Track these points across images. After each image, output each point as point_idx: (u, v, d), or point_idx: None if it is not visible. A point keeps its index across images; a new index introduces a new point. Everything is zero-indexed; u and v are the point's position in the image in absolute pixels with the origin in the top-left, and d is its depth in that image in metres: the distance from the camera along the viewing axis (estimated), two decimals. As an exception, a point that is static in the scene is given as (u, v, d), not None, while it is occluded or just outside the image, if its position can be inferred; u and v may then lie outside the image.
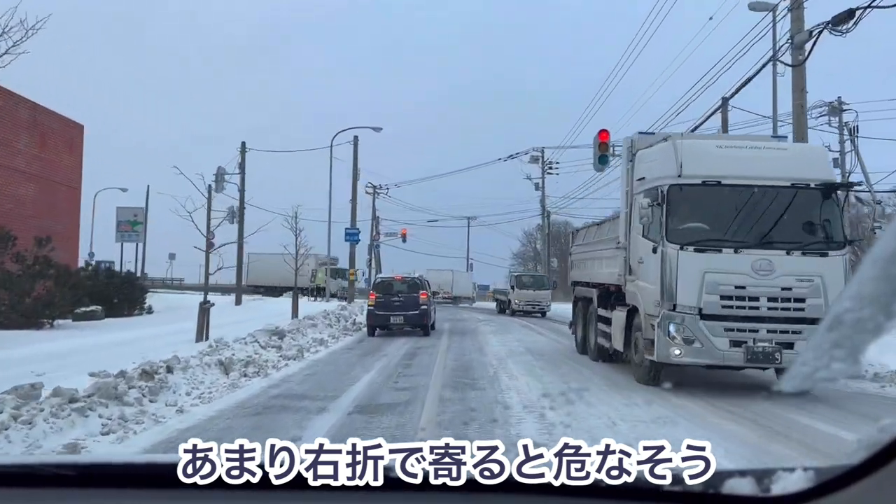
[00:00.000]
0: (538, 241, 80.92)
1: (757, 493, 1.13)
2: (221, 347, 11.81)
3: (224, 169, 32.86)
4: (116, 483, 1.32)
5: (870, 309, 0.90)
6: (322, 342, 15.31)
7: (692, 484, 1.17)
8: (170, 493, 1.27)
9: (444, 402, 8.43)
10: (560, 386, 9.98)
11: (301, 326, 16.94)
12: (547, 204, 53.62)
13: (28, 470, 1.40)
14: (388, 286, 19.22)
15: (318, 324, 18.37)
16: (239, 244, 32.78)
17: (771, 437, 6.73)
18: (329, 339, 16.58)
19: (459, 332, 20.37)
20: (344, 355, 13.98)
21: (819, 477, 1.09)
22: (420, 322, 18.63)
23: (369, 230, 56.51)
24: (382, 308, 18.62)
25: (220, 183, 33.01)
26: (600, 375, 10.91)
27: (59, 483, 1.30)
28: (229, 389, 9.33)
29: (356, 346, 15.95)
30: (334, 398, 8.65)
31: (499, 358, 13.30)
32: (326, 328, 18.41)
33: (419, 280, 19.34)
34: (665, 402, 8.44)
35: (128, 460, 1.46)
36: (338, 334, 18.08)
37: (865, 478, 1.01)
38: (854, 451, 1.04)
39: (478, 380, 10.42)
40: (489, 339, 17.45)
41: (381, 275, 20.94)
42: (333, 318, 20.51)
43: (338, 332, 18.60)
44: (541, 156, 54.14)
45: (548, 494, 1.21)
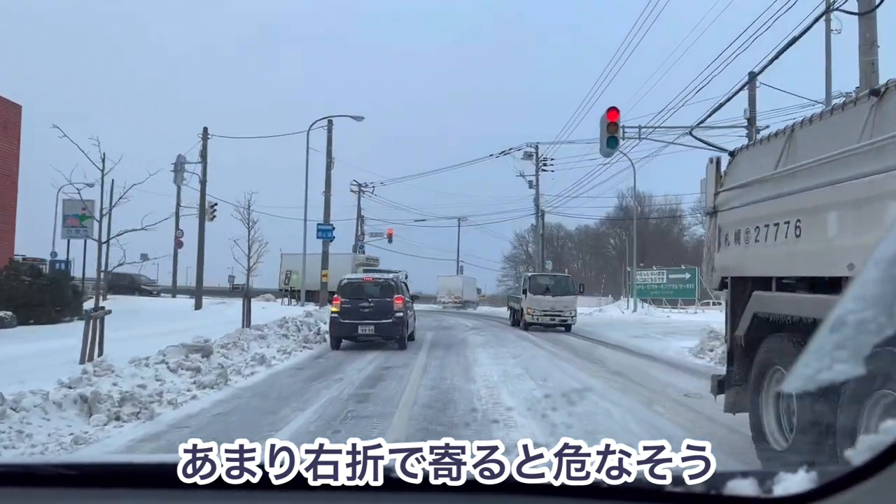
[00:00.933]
0: (530, 244, 77.92)
1: (759, 494, 1.11)
2: (102, 373, 8.46)
3: (184, 157, 29.48)
4: (116, 483, 1.31)
5: (872, 310, 0.89)
6: (264, 360, 11.97)
7: (693, 484, 1.16)
8: (170, 493, 1.27)
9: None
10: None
11: (243, 339, 13.60)
12: (541, 203, 50.54)
13: (28, 470, 1.40)
14: (356, 289, 15.89)
15: (268, 335, 15.02)
16: (200, 239, 29.36)
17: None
18: (277, 356, 13.24)
19: (443, 344, 17.05)
20: (286, 380, 10.65)
21: (822, 478, 1.07)
22: (394, 333, 15.33)
23: (354, 230, 53.83)
24: (349, 315, 15.31)
25: (180, 174, 29.64)
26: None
27: (60, 483, 1.30)
28: (69, 448, 6.00)
29: (309, 365, 12.62)
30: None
31: (490, 385, 10.01)
32: (279, 340, 15.06)
33: (394, 281, 16.00)
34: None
35: (128, 460, 1.50)
36: (292, 348, 14.74)
37: (869, 479, 1.00)
38: (857, 452, 1.01)
39: (458, 426, 7.13)
40: (479, 357, 14.12)
41: (349, 275, 17.43)
42: (293, 326, 17.16)
43: (293, 344, 15.26)
44: (535, 152, 51.15)
45: (548, 495, 1.20)
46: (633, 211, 71.55)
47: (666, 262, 49.64)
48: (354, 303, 15.42)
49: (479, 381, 10.49)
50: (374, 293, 15.75)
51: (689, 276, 44.01)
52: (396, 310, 15.36)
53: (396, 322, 15.26)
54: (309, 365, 12.62)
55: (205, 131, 29.06)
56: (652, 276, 45.33)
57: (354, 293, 15.68)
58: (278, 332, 15.86)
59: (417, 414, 7.76)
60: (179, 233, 42.66)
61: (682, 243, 73.50)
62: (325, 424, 7.17)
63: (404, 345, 15.44)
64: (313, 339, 16.56)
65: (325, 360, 13.35)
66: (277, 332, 15.67)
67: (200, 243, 29.17)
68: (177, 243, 42.82)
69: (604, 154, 19.76)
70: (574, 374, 11.57)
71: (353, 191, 54.36)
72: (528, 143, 50.95)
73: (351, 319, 15.25)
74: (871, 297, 0.90)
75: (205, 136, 29.05)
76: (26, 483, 1.32)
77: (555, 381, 10.71)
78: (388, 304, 15.37)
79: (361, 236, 53.23)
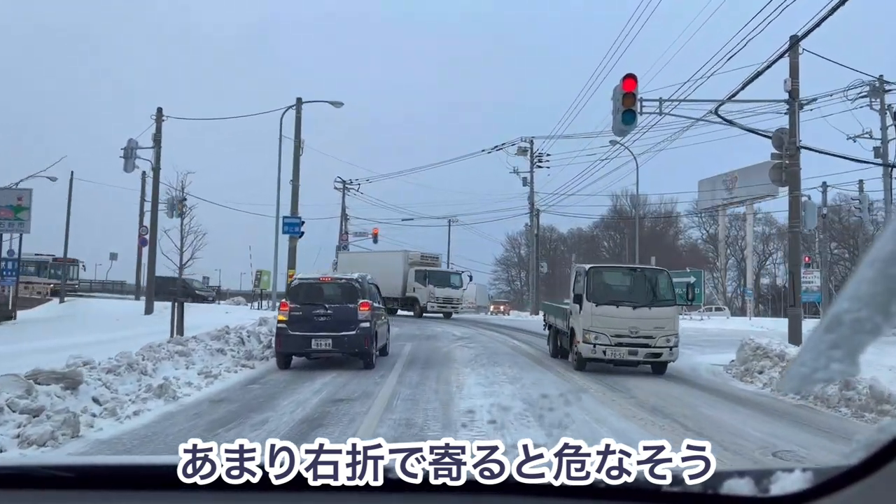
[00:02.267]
0: (523, 246, 74.72)
1: (756, 493, 1.12)
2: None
3: (136, 142, 26.01)
4: (116, 484, 1.31)
5: (868, 310, 0.90)
6: (165, 390, 8.60)
7: (691, 484, 1.17)
8: (170, 494, 1.27)
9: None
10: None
11: (155, 357, 10.23)
12: (536, 201, 47.33)
13: (27, 472, 1.39)
14: (310, 292, 12.53)
15: (195, 350, 11.65)
16: (152, 235, 25.92)
17: None
18: (196, 380, 9.89)
19: (423, 361, 13.71)
20: (180, 426, 7.27)
21: (818, 477, 1.07)
22: (358, 347, 11.99)
23: (339, 229, 50.49)
24: (300, 326, 11.96)
25: (131, 160, 26.18)
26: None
27: (59, 485, 1.29)
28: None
29: (233, 396, 9.25)
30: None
31: (480, 432, 6.70)
32: (209, 356, 11.68)
33: (359, 282, 12.63)
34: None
35: (127, 461, 1.52)
36: (226, 367, 11.39)
37: (864, 478, 1.00)
38: (853, 451, 1.01)
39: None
40: (466, 383, 10.76)
41: (302, 274, 13.93)
42: (236, 338, 13.80)
43: (229, 362, 11.91)
44: (529, 147, 48.04)
45: (548, 495, 1.20)
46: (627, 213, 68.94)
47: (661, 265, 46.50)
48: (307, 310, 12.07)
49: (464, 421, 7.22)
50: (333, 297, 12.42)
51: (694, 279, 40.86)
52: (361, 319, 12.03)
53: (362, 334, 11.93)
54: (233, 395, 9.26)
55: (159, 112, 25.64)
56: (654, 280, 42.09)
57: (308, 297, 12.33)
58: (212, 345, 12.48)
59: None
60: (144, 229, 39.42)
61: (677, 247, 70.78)
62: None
63: (371, 363, 12.11)
64: (259, 355, 13.21)
65: (259, 388, 9.99)
66: (210, 347, 12.29)
67: (152, 239, 25.73)
68: (141, 241, 39.58)
69: (618, 132, 16.51)
70: (596, 413, 8.26)
71: (338, 188, 51.32)
72: (522, 137, 48.01)
73: (303, 331, 11.91)
74: (866, 297, 0.90)
75: (158, 117, 25.63)
76: (25, 485, 1.30)
77: (574, 422, 7.38)
78: (350, 312, 12.04)
79: (345, 236, 50.27)
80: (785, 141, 16.34)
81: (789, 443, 6.98)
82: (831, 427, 8.04)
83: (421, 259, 33.14)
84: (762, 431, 7.52)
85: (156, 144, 25.55)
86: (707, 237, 68.36)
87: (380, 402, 8.61)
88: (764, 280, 65.48)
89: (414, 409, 8.19)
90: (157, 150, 25.56)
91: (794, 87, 16.52)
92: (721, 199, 59.80)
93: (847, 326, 0.91)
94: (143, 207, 39.04)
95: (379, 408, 8.24)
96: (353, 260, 35.31)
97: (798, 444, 6.90)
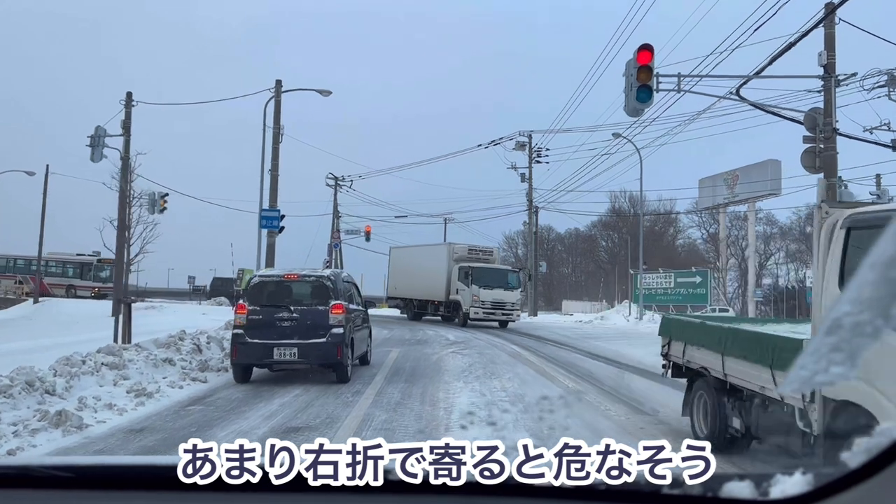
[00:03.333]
0: (520, 246, 72.82)
1: (756, 496, 1.11)
2: None
3: (104, 130, 24.01)
4: (116, 484, 1.30)
5: (868, 313, 0.89)
6: (65, 418, 6.63)
7: (691, 485, 1.17)
8: (170, 495, 1.26)
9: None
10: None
11: (69, 371, 8.28)
12: (535, 198, 45.41)
13: (26, 472, 1.36)
14: (272, 292, 10.57)
15: (134, 361, 9.71)
16: (119, 232, 23.90)
17: None
18: (120, 402, 7.93)
19: (408, 372, 11.78)
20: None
21: (818, 480, 1.06)
22: (329, 358, 10.06)
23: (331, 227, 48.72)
24: (260, 332, 10.03)
25: (98, 149, 24.18)
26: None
27: (59, 485, 1.29)
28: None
29: (153, 426, 7.25)
30: None
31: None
32: (148, 369, 9.73)
33: (331, 280, 10.65)
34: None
35: (127, 462, 1.49)
36: (170, 381, 9.46)
37: (864, 481, 0.99)
38: (853, 454, 1.01)
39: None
40: (457, 404, 8.79)
41: (261, 271, 11.86)
42: (191, 345, 11.87)
43: (175, 375, 9.98)
44: (528, 142, 46.13)
45: (548, 496, 1.20)
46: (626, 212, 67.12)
47: (659, 265, 44.62)
48: (269, 313, 10.13)
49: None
50: (300, 298, 10.47)
51: (699, 279, 39.01)
52: (333, 323, 10.09)
53: (332, 342, 9.99)
54: (160, 422, 7.29)
55: (128, 97, 23.64)
56: (658, 280, 40.21)
57: (270, 298, 10.38)
58: (157, 354, 10.54)
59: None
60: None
61: (675, 247, 69.16)
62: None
63: (345, 376, 10.17)
64: (217, 365, 11.27)
65: (200, 410, 8.04)
66: (154, 356, 10.34)
67: (120, 235, 23.71)
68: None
69: (631, 112, 14.55)
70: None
71: (330, 185, 49.56)
72: (520, 131, 46.09)
73: (263, 338, 9.97)
74: (867, 300, 0.89)
75: (128, 102, 23.63)
76: (25, 485, 1.30)
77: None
78: (320, 316, 10.10)
79: (337, 234, 48.62)
80: (819, 122, 14.50)
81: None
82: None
83: (469, 253, 26.95)
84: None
85: (125, 132, 23.56)
86: (707, 237, 66.62)
87: (344, 433, 6.68)
88: (766, 280, 63.81)
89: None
90: (127, 137, 23.56)
91: (831, 61, 14.68)
92: (722, 198, 58.10)
93: (847, 330, 0.90)
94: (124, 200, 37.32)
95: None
96: (401, 257, 31.07)
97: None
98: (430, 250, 29.25)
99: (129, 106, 23.54)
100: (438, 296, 26.80)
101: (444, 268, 26.49)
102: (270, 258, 20.93)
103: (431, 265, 27.14)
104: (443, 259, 26.73)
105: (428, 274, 27.26)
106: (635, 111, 14.78)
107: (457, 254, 26.87)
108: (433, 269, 26.93)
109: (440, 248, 28.64)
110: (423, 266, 28.11)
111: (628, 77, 14.20)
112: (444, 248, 28.04)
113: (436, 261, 27.02)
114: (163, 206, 35.70)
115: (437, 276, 26.71)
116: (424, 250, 29.95)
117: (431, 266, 27.08)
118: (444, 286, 26.51)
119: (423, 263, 27.96)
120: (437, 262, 26.87)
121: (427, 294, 28.12)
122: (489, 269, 25.92)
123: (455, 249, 27.24)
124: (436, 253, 27.98)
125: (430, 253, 28.54)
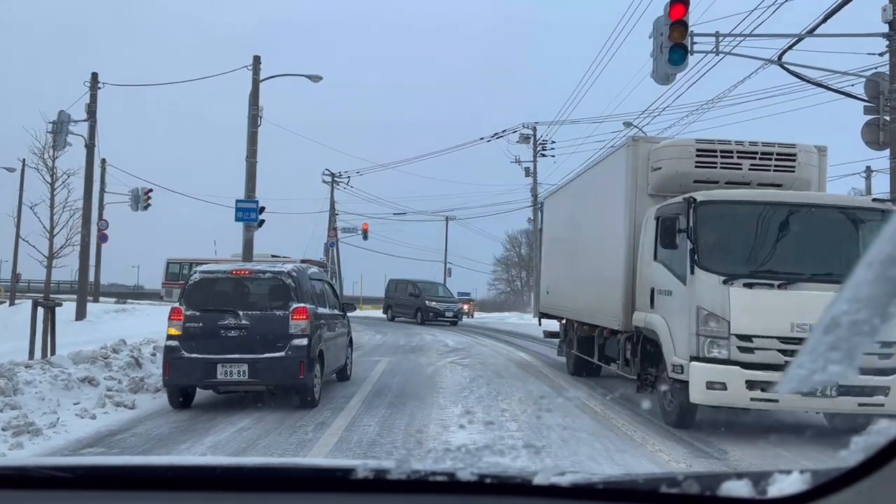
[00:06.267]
0: (523, 246, 70.47)
1: (754, 495, 1.10)
2: None
3: (68, 115, 21.81)
4: (116, 484, 1.28)
5: (866, 311, 0.89)
6: None
7: (689, 484, 1.14)
8: (170, 495, 1.24)
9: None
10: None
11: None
12: (539, 193, 43.16)
13: (23, 472, 1.34)
14: (219, 292, 8.30)
15: (32, 382, 7.48)
16: (83, 227, 21.73)
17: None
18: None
19: (395, 391, 9.52)
20: None
21: (816, 479, 1.06)
22: (289, 377, 7.79)
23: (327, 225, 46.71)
24: (200, 344, 7.78)
25: (61, 136, 21.99)
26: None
27: (58, 485, 1.26)
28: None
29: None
30: None
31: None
32: (53, 393, 7.49)
33: (293, 277, 8.30)
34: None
35: (127, 462, 1.45)
36: (74, 410, 7.24)
37: (862, 480, 0.98)
38: (851, 453, 0.99)
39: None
40: (453, 442, 6.52)
41: (204, 267, 9.44)
42: (129, 357, 9.65)
43: (91, 399, 7.74)
44: (532, 134, 43.95)
45: (547, 495, 1.18)
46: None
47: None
48: (212, 320, 7.87)
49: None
50: (252, 301, 8.23)
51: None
52: (295, 333, 7.83)
53: (293, 357, 7.72)
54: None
55: (94, 78, 21.42)
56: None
57: (214, 301, 8.11)
58: (73, 373, 8.30)
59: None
60: (103, 224, 35.48)
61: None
62: None
63: (312, 399, 7.92)
64: (155, 385, 9.00)
65: (102, 454, 5.81)
66: (67, 376, 8.09)
67: (85, 230, 21.52)
68: (99, 236, 35.59)
69: (661, 78, 12.20)
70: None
71: (326, 181, 47.55)
72: (524, 123, 43.87)
73: (204, 352, 7.71)
74: (864, 299, 0.89)
75: (93, 84, 21.41)
76: (22, 485, 1.27)
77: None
78: (277, 323, 7.85)
79: (333, 233, 46.69)
80: (885, 89, 12.25)
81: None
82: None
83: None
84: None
85: (90, 116, 21.35)
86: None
87: None
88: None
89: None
90: (92, 123, 21.34)
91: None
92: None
93: (845, 328, 0.89)
94: (103, 199, 35.24)
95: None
96: (558, 205, 10.49)
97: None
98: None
99: (95, 88, 21.33)
100: (615, 279, 9.96)
101: (622, 232, 7.94)
102: (248, 256, 18.69)
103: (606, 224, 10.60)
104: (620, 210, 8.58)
105: (601, 243, 10.24)
106: (666, 77, 12.47)
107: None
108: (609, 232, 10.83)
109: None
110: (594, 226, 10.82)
111: (657, 38, 12.02)
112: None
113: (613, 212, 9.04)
114: (146, 203, 33.68)
115: (612, 248, 8.38)
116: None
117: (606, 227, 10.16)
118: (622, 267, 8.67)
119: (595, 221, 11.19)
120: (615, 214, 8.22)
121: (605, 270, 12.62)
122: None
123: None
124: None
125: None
